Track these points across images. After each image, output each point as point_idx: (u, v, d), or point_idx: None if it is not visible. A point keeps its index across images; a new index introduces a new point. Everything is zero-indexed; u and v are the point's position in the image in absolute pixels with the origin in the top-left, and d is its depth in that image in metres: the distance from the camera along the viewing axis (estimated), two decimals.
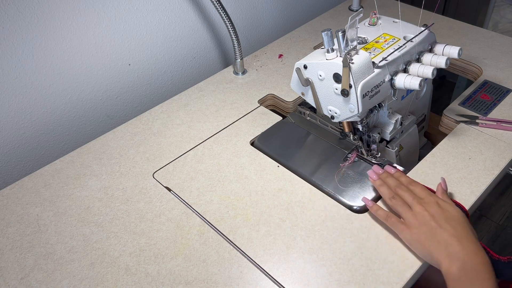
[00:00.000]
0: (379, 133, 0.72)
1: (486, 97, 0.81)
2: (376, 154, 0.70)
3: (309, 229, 0.63)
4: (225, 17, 0.86)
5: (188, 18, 0.96)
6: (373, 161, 0.70)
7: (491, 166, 0.69)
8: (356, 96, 0.60)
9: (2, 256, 0.63)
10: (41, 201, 0.71)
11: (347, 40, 0.59)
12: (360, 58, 0.60)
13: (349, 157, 0.72)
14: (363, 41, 0.67)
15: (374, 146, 0.71)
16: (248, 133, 0.80)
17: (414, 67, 0.64)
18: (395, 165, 0.68)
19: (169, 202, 0.69)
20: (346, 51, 0.59)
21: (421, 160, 0.71)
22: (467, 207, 0.63)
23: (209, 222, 0.65)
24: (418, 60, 0.66)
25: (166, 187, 0.71)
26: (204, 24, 1.00)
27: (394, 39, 0.66)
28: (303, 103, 0.85)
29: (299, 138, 0.79)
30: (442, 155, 0.71)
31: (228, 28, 0.88)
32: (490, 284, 0.50)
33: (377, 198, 0.66)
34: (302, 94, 0.69)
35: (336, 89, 0.62)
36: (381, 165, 0.69)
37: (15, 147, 0.81)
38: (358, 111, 0.61)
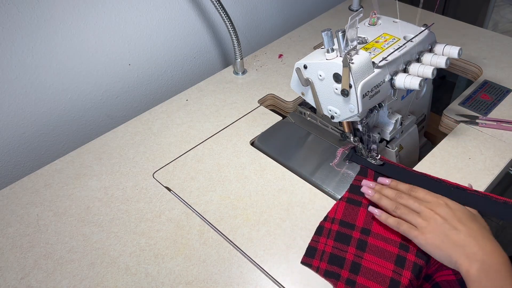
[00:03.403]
0: (379, 133, 0.72)
1: (486, 97, 0.81)
2: (376, 156, 0.70)
3: (309, 229, 0.63)
4: (225, 17, 0.86)
5: (188, 18, 0.96)
6: (372, 162, 0.70)
7: (491, 166, 0.69)
8: (356, 96, 0.60)
9: (2, 256, 0.63)
10: (41, 201, 0.71)
11: (347, 40, 0.59)
12: (360, 58, 0.59)
13: (337, 154, 0.73)
14: (363, 41, 0.66)
15: (374, 146, 0.71)
16: (248, 133, 0.80)
17: (414, 67, 0.64)
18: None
19: (169, 202, 0.69)
20: (346, 51, 0.59)
21: (421, 160, 0.71)
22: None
23: (209, 222, 0.65)
24: (418, 60, 0.66)
25: (166, 187, 0.71)
26: (204, 24, 1.00)
27: (394, 39, 0.66)
28: (303, 103, 0.85)
29: (299, 138, 0.78)
30: (442, 155, 0.71)
31: (228, 28, 0.88)
32: (511, 282, 0.49)
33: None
34: (302, 94, 0.69)
35: (336, 89, 0.62)
36: (382, 165, 0.69)
37: (15, 147, 0.81)
38: (358, 111, 0.61)
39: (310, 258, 0.59)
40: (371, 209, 0.61)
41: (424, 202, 0.58)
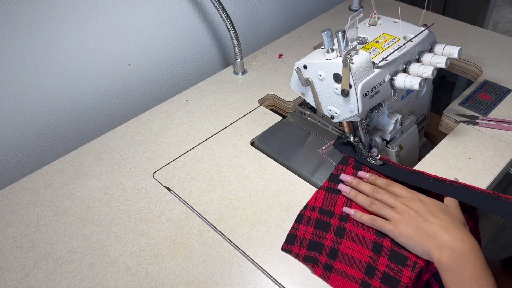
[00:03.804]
0: (381, 137, 0.72)
1: (486, 97, 0.81)
2: (376, 156, 0.70)
3: None
4: (225, 17, 0.86)
5: (188, 18, 0.96)
6: (372, 162, 0.70)
7: (491, 166, 0.69)
8: (356, 96, 0.60)
9: (2, 256, 0.63)
10: (41, 201, 0.71)
11: (347, 40, 0.59)
12: (360, 58, 0.59)
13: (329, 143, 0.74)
14: (363, 41, 0.66)
15: (375, 150, 0.71)
16: (248, 133, 0.80)
17: (414, 67, 0.64)
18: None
19: (169, 202, 0.69)
20: (346, 51, 0.59)
21: (421, 160, 0.71)
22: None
23: (209, 222, 0.65)
24: (418, 60, 0.66)
25: (166, 187, 0.71)
26: (204, 24, 1.00)
27: (394, 39, 0.66)
28: (303, 103, 0.85)
29: (299, 138, 0.79)
30: (442, 155, 0.71)
31: (228, 28, 0.88)
32: (480, 268, 0.52)
33: None
34: (302, 94, 0.69)
35: (336, 89, 0.62)
36: (382, 165, 0.69)
37: (15, 147, 0.81)
38: (358, 111, 0.61)
39: (290, 245, 0.61)
40: (346, 209, 0.63)
41: (400, 198, 0.60)
